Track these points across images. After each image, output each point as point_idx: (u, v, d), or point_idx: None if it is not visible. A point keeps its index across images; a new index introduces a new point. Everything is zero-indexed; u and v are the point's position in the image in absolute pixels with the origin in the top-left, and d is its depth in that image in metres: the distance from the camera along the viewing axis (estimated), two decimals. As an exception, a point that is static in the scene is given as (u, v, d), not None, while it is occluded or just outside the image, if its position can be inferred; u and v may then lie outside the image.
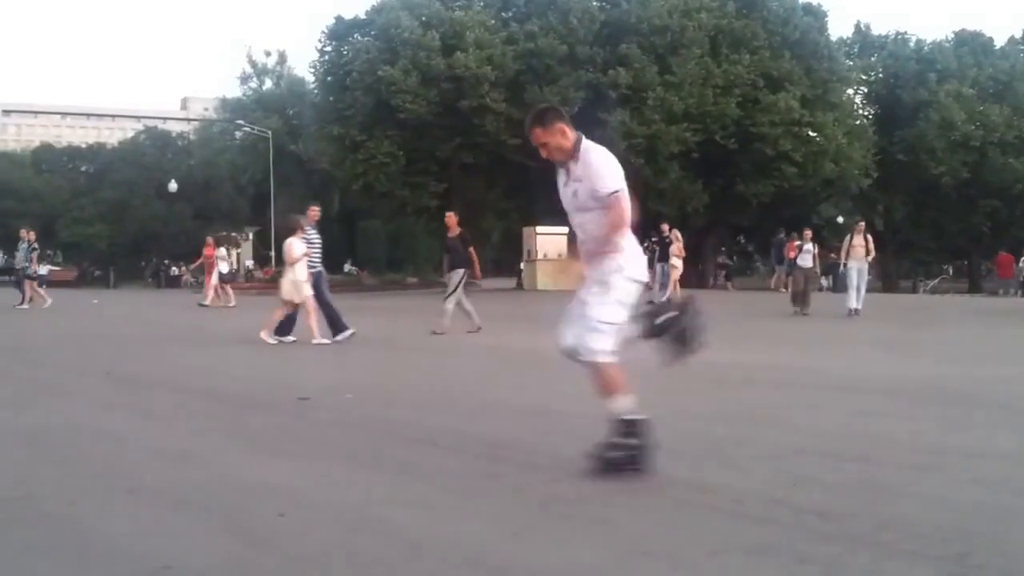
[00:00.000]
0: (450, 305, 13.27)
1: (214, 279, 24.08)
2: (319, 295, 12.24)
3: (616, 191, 4.35)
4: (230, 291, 24.56)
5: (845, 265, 18.03)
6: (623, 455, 4.27)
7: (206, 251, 24.87)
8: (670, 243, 21.38)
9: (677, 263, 21.49)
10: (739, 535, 3.44)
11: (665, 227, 21.67)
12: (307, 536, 3.45)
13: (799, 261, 18.37)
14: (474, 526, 3.61)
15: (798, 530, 3.48)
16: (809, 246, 18.45)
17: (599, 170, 4.37)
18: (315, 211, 12.91)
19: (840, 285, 40.60)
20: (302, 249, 12.06)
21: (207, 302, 23.43)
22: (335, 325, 12.25)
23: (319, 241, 12.55)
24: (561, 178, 4.54)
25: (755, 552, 3.25)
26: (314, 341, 11.72)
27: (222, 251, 25.34)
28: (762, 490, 4.06)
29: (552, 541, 3.40)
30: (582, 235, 4.54)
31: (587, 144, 4.46)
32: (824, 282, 48.15)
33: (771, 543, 3.33)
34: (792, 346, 12.18)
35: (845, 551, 3.26)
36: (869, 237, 18.16)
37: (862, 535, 3.41)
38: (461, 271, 13.50)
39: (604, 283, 4.35)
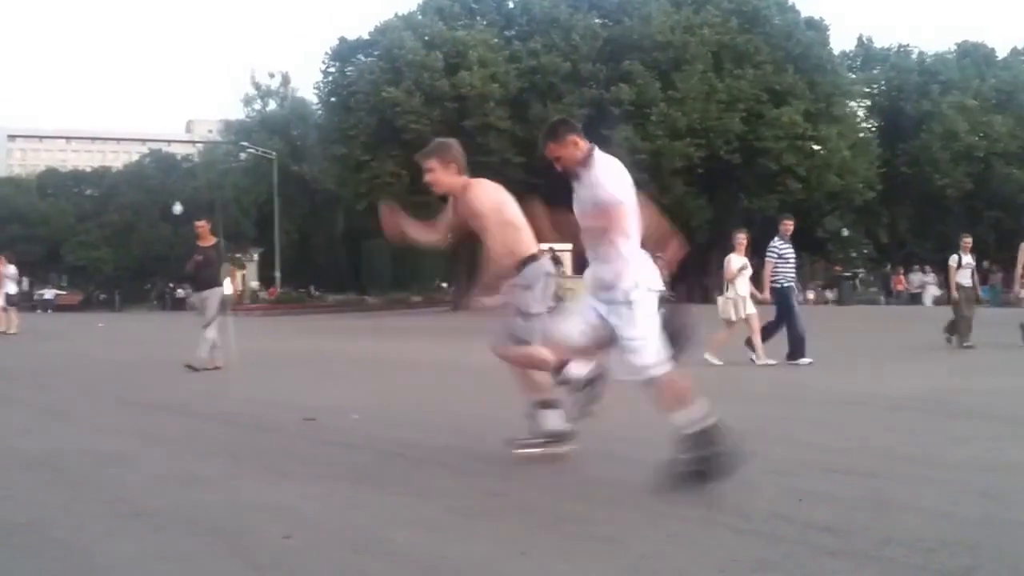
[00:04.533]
0: (211, 333, 11.56)
1: (1, 302, 20.73)
2: (789, 313, 11.61)
3: (614, 202, 4.39)
4: (13, 316, 20.94)
5: (1022, 285, 14.52)
6: (697, 468, 4.21)
7: None
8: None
9: None
10: (746, 551, 3.43)
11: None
12: (313, 559, 3.45)
13: (958, 278, 14.47)
14: (481, 546, 3.60)
15: (805, 546, 3.47)
16: (969, 259, 14.70)
17: (601, 180, 4.47)
18: (789, 224, 12.20)
19: (848, 299, 40.71)
20: (739, 264, 11.64)
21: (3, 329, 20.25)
22: (794, 349, 11.54)
23: (792, 256, 11.94)
24: (575, 187, 4.63)
25: (762, 568, 3.25)
26: (758, 361, 11.32)
27: (11, 269, 21.38)
28: (769, 506, 4.05)
29: (559, 560, 3.39)
30: (589, 243, 4.59)
31: (598, 154, 4.57)
32: (830, 295, 48.01)
33: (778, 559, 3.32)
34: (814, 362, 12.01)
35: (852, 566, 3.25)
36: None
37: (869, 550, 3.41)
38: (219, 291, 12.08)
39: (628, 302, 4.41)
